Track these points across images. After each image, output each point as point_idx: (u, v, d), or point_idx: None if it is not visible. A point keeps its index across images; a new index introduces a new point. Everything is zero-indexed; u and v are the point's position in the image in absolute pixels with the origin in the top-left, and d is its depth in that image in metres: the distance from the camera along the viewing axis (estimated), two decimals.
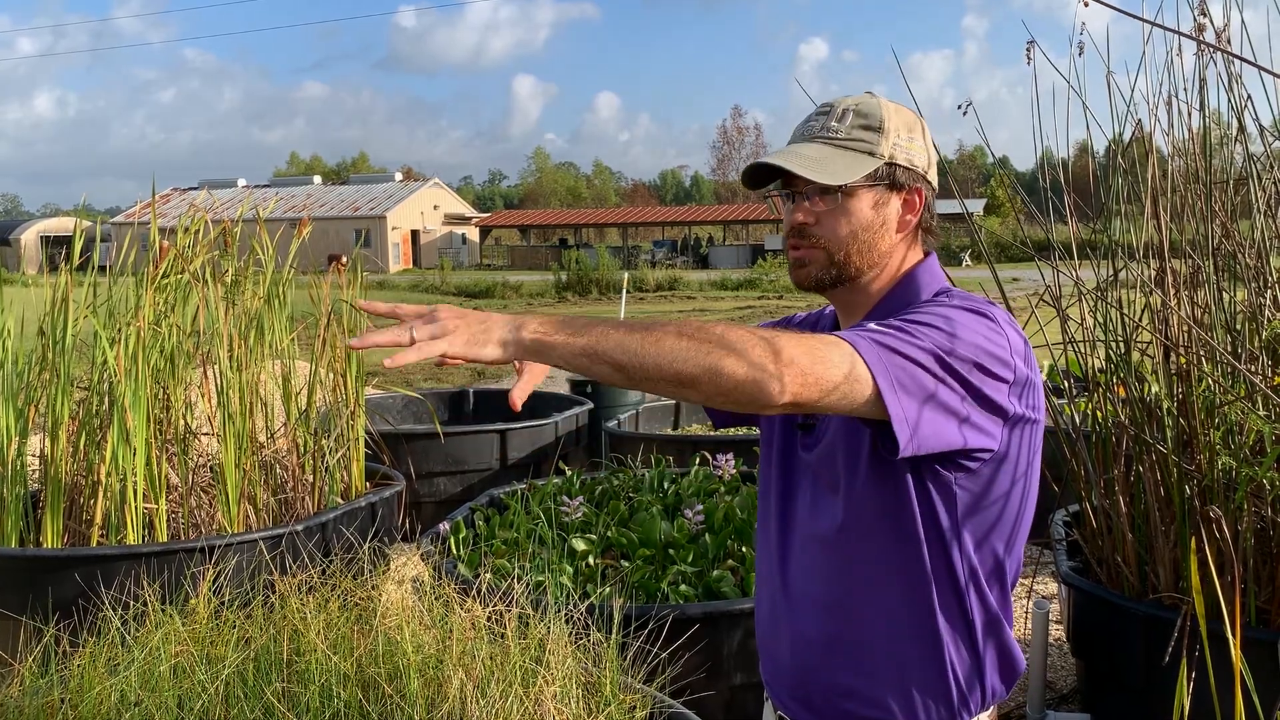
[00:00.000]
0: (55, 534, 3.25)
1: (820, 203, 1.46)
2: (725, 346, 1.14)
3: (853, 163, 1.44)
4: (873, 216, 1.46)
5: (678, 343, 1.14)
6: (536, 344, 1.17)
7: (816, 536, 1.48)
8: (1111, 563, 2.78)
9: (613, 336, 1.15)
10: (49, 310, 3.44)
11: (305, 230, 4.22)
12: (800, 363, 1.15)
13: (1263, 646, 2.17)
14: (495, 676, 1.61)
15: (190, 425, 3.63)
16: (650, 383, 1.15)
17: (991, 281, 3.12)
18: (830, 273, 1.48)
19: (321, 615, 1.82)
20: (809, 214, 1.47)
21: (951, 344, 1.27)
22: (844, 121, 1.47)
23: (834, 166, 1.43)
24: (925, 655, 1.45)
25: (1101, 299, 2.81)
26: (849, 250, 1.46)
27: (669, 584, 2.88)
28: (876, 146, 1.45)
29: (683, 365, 1.14)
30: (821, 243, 1.46)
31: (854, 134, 1.46)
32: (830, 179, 1.42)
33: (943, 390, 1.25)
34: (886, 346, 1.22)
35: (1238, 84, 2.65)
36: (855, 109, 1.48)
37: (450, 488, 5.22)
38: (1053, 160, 2.94)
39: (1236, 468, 2.40)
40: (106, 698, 1.67)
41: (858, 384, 1.19)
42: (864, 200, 1.46)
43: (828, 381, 1.17)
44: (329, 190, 58.43)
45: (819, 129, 1.48)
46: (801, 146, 1.47)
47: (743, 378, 1.14)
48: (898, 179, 1.46)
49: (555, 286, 28.98)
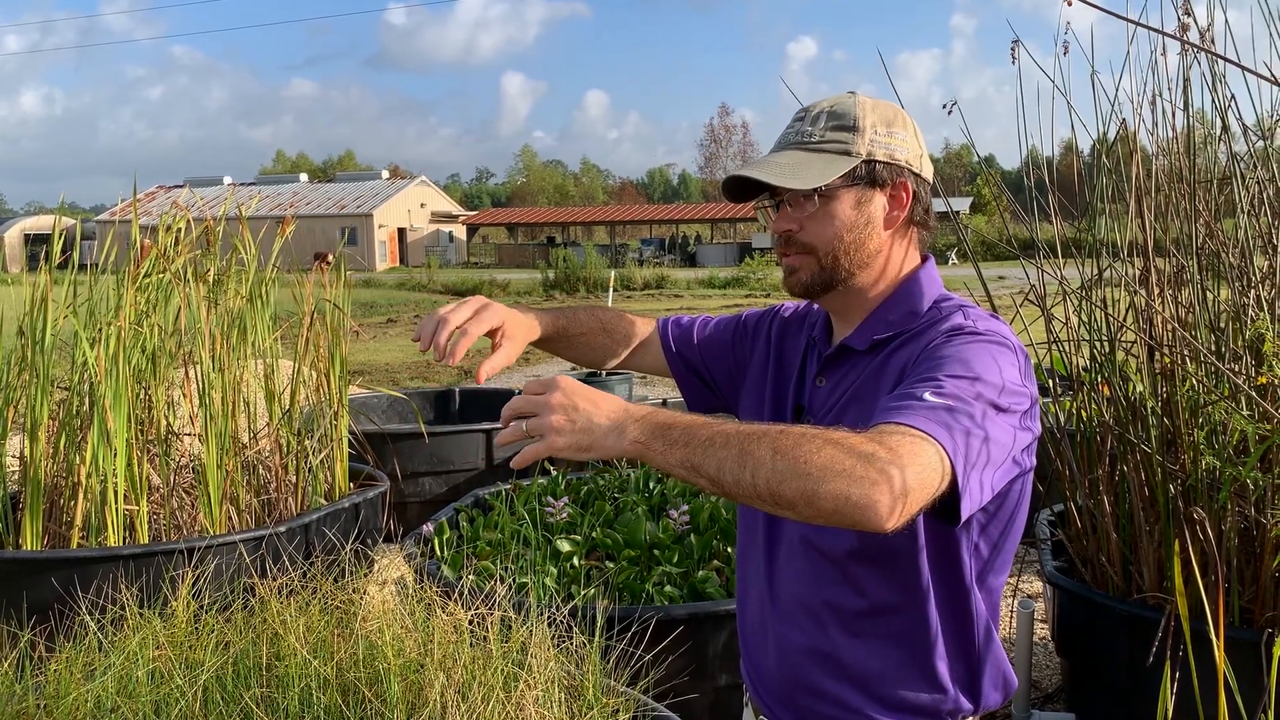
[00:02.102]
0: (35, 536, 3.22)
1: (801, 208, 1.45)
2: (831, 472, 1.07)
3: (827, 165, 1.43)
4: (855, 216, 1.45)
5: (776, 463, 1.08)
6: (637, 453, 1.16)
7: (814, 546, 1.45)
8: (1096, 562, 2.78)
9: (714, 455, 1.11)
10: (28, 309, 3.40)
11: (289, 228, 4.20)
12: (913, 491, 1.09)
13: (1246, 646, 2.17)
14: (477, 680, 1.60)
15: (172, 426, 3.60)
16: (748, 500, 1.12)
17: (977, 280, 3.12)
18: (821, 277, 1.46)
19: (302, 618, 1.80)
20: (791, 220, 1.46)
21: (998, 397, 1.24)
22: (817, 125, 1.46)
23: (808, 171, 1.42)
24: (920, 669, 1.43)
25: (1086, 298, 2.81)
26: (835, 252, 1.45)
27: (654, 585, 2.87)
28: (852, 145, 1.44)
29: (781, 489, 1.08)
30: (807, 248, 1.46)
31: (828, 136, 1.45)
32: (803, 184, 1.41)
33: (996, 450, 1.21)
34: (960, 429, 1.17)
35: (1221, 84, 2.66)
36: (829, 110, 1.47)
37: (435, 488, 5.19)
38: (1038, 159, 2.94)
39: (1220, 467, 2.40)
40: (82, 703, 1.65)
41: (944, 480, 1.14)
42: (845, 201, 1.44)
43: (930, 492, 1.12)
44: (315, 188, 58.24)
45: (794, 136, 1.48)
46: (778, 155, 1.46)
47: (848, 507, 1.07)
48: (878, 175, 1.44)
49: (543, 285, 28.95)
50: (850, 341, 1.49)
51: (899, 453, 1.09)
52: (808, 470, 1.07)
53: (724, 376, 1.74)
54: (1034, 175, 2.95)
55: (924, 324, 1.44)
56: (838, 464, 1.07)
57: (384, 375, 11.61)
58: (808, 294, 1.49)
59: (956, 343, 1.33)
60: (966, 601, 1.43)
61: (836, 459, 1.08)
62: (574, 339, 1.77)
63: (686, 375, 1.78)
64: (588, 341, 1.78)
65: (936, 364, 1.29)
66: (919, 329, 1.44)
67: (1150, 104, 2.74)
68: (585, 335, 1.77)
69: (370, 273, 42.77)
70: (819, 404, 1.50)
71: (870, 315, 1.49)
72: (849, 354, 1.49)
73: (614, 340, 1.80)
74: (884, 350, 1.45)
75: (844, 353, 1.50)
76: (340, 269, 4.24)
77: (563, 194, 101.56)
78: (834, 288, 1.48)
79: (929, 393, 1.20)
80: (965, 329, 1.37)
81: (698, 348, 1.77)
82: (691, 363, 1.77)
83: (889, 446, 1.09)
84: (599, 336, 1.78)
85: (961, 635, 1.44)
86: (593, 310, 1.81)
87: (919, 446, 1.11)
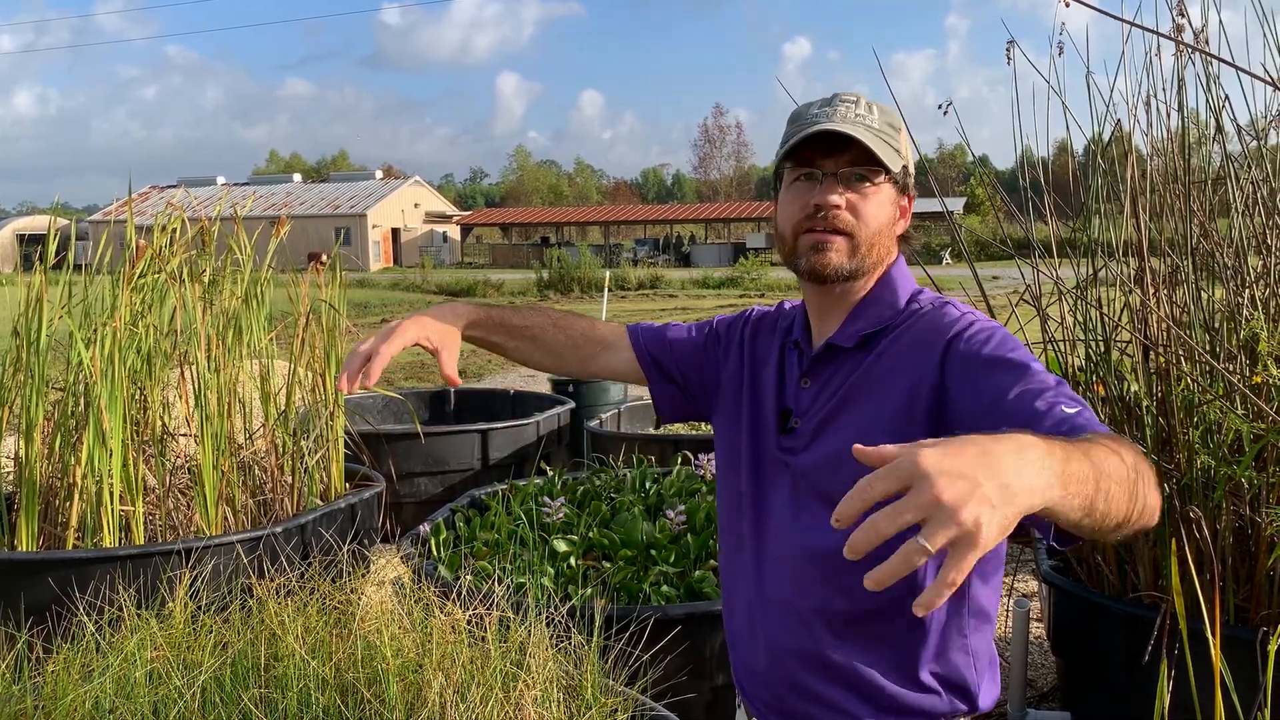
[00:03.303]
0: (30, 537, 3.21)
1: (860, 189, 1.41)
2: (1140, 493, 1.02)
3: (892, 156, 1.41)
4: (890, 214, 1.45)
5: (1121, 491, 0.99)
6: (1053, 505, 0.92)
7: (806, 548, 1.44)
8: (1092, 561, 2.79)
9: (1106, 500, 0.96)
10: (23, 310, 3.39)
11: (284, 229, 4.19)
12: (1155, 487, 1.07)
13: (1242, 644, 2.18)
14: (475, 680, 1.60)
15: (168, 426, 3.59)
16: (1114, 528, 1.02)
17: (972, 280, 3.13)
18: (852, 263, 1.43)
19: (300, 619, 1.80)
20: (845, 197, 1.41)
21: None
22: (873, 114, 1.43)
23: (882, 153, 1.39)
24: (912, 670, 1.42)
25: (1081, 298, 2.81)
26: (872, 242, 1.43)
27: (651, 585, 2.87)
28: (899, 145, 1.44)
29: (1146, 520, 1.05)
30: (851, 229, 1.41)
31: (885, 129, 1.43)
32: (892, 164, 1.40)
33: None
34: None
35: (1216, 84, 2.66)
36: (877, 105, 1.45)
37: (431, 488, 5.19)
38: (1033, 159, 2.94)
39: (1215, 466, 2.41)
40: (80, 705, 1.65)
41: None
42: (887, 195, 1.44)
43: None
44: (309, 188, 58.16)
45: (853, 116, 1.41)
46: (850, 127, 1.39)
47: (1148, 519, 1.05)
48: (906, 182, 1.46)
49: (537, 285, 28.95)
50: (836, 340, 1.48)
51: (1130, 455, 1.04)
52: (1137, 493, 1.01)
53: (697, 380, 1.69)
54: (1029, 175, 2.95)
55: (910, 315, 1.45)
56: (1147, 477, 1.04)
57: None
58: (834, 275, 1.43)
59: (997, 337, 1.34)
60: (959, 602, 1.43)
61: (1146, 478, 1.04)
62: (516, 331, 1.67)
63: (659, 379, 1.71)
64: (536, 336, 1.68)
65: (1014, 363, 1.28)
66: (903, 323, 1.44)
67: (1145, 104, 2.74)
68: (531, 329, 1.68)
69: (364, 273, 42.70)
70: (806, 405, 1.49)
71: (852, 313, 1.48)
72: (836, 353, 1.48)
73: (569, 337, 1.70)
74: (872, 346, 1.45)
75: (830, 352, 1.49)
76: (335, 269, 4.24)
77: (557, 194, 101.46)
78: (854, 278, 1.45)
79: (1064, 404, 1.16)
80: (978, 320, 1.39)
81: (670, 349, 1.70)
82: (664, 365, 1.70)
83: (1136, 452, 1.06)
84: (550, 332, 1.69)
85: (955, 636, 1.43)
86: (540, 308, 1.74)
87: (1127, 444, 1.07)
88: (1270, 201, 2.62)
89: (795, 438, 1.47)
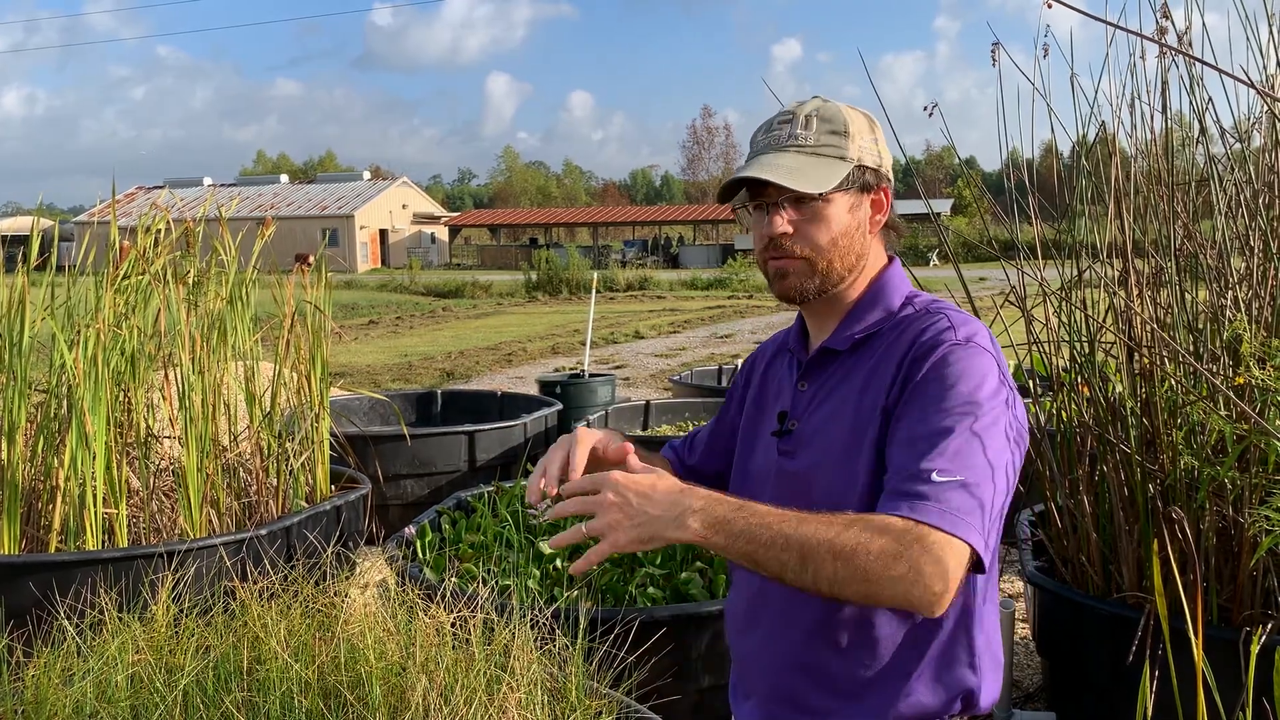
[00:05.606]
0: (12, 540, 3.19)
1: (797, 212, 1.45)
2: (888, 579, 1.17)
3: (828, 170, 1.44)
4: (849, 221, 1.47)
5: (837, 569, 1.18)
6: (699, 543, 1.23)
7: None
8: (1076, 562, 2.80)
9: (776, 557, 1.20)
10: (5, 312, 3.37)
11: (269, 230, 4.17)
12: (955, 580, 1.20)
13: (1224, 645, 2.18)
14: (459, 683, 1.59)
15: (152, 428, 3.57)
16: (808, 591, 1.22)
17: (958, 281, 3.13)
18: (814, 282, 1.47)
19: (283, 622, 1.79)
20: (787, 224, 1.45)
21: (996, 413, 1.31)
22: (810, 129, 1.46)
23: (812, 175, 1.43)
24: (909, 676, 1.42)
25: (1066, 299, 2.82)
26: (831, 257, 1.46)
27: (637, 587, 2.87)
28: (845, 150, 1.46)
29: (843, 592, 1.20)
30: (803, 251, 1.46)
31: (823, 140, 1.46)
32: (812, 187, 1.42)
33: (1001, 480, 1.28)
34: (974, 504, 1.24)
35: (1199, 86, 2.68)
36: (818, 115, 1.47)
37: (417, 490, 5.18)
38: (1019, 161, 2.95)
39: (1198, 467, 2.42)
40: (61, 709, 1.63)
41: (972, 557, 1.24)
42: (840, 205, 1.46)
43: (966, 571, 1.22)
44: (296, 189, 57.97)
45: (786, 138, 1.47)
46: (778, 157, 1.45)
47: (907, 605, 1.20)
48: (867, 180, 1.47)
49: (525, 286, 28.92)
50: (830, 344, 1.51)
51: (944, 558, 1.19)
52: (866, 575, 1.17)
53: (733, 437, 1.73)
54: (1014, 177, 2.96)
55: (900, 321, 1.47)
56: (893, 570, 1.17)
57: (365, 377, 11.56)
58: (801, 298, 1.49)
59: (944, 369, 1.36)
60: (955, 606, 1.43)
61: (890, 565, 1.17)
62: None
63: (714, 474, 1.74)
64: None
65: (931, 402, 1.33)
66: (896, 326, 1.46)
67: (1129, 106, 2.76)
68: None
69: (352, 274, 42.60)
70: (802, 407, 1.51)
71: (847, 316, 1.51)
72: (831, 356, 1.51)
73: None
74: (865, 349, 1.47)
75: (825, 355, 1.52)
76: (321, 270, 4.22)
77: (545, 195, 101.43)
78: (826, 292, 1.49)
79: (936, 472, 1.25)
80: (946, 342, 1.38)
81: (706, 444, 1.78)
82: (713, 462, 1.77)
83: (934, 556, 1.18)
84: None
85: (960, 637, 1.44)
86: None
87: (955, 548, 1.20)
88: (1253, 203, 2.63)
89: (791, 440, 1.50)
